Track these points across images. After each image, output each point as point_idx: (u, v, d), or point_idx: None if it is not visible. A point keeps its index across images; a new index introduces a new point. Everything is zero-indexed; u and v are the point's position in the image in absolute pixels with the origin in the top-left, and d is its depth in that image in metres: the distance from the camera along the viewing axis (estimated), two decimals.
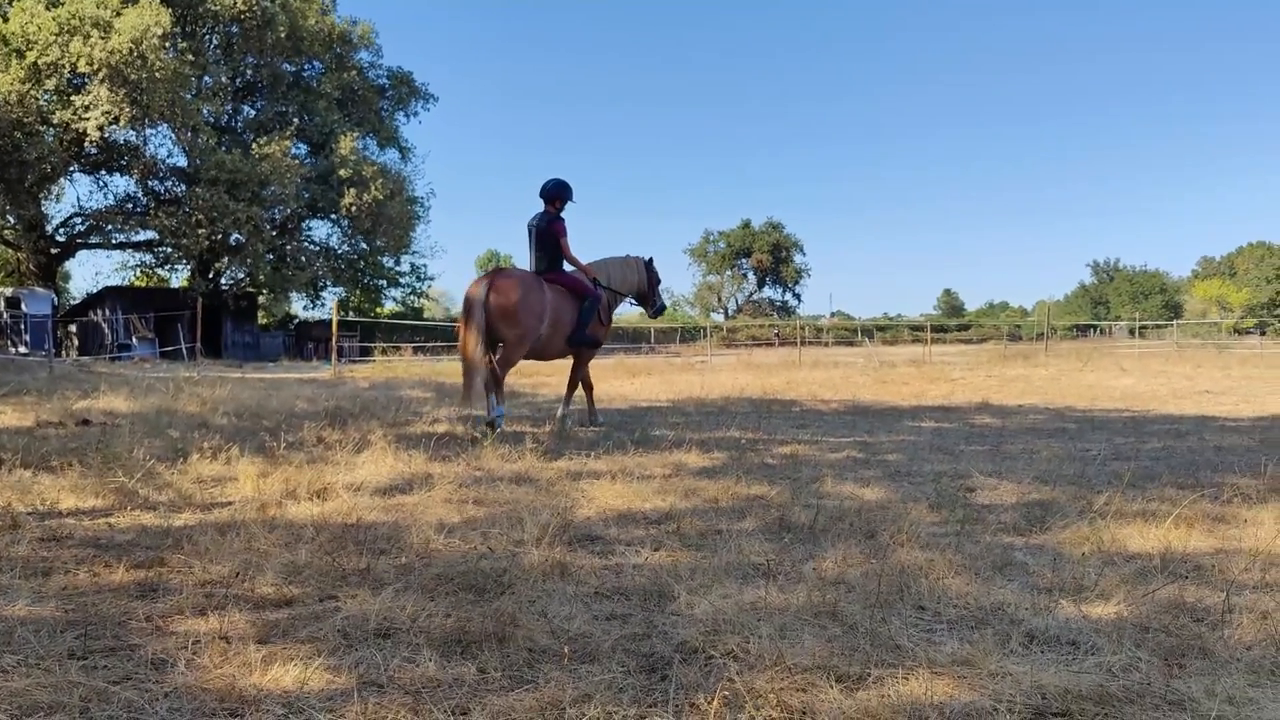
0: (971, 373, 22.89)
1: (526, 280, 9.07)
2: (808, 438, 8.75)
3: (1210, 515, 4.82)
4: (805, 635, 2.90)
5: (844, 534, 4.41)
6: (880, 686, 2.52)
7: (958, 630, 3.04)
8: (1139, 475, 6.22)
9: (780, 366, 26.89)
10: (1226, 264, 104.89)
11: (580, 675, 2.66)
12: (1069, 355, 31.41)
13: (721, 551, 4.08)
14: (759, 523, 4.73)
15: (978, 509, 5.12)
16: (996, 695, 2.43)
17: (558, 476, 6.12)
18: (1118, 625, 3.03)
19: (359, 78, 43.81)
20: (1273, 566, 3.84)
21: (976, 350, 42.51)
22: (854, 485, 5.84)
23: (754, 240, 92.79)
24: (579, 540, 4.38)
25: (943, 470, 6.52)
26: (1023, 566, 3.85)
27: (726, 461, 6.92)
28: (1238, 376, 20.28)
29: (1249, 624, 3.05)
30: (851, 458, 7.29)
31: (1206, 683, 2.51)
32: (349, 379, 19.82)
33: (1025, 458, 7.28)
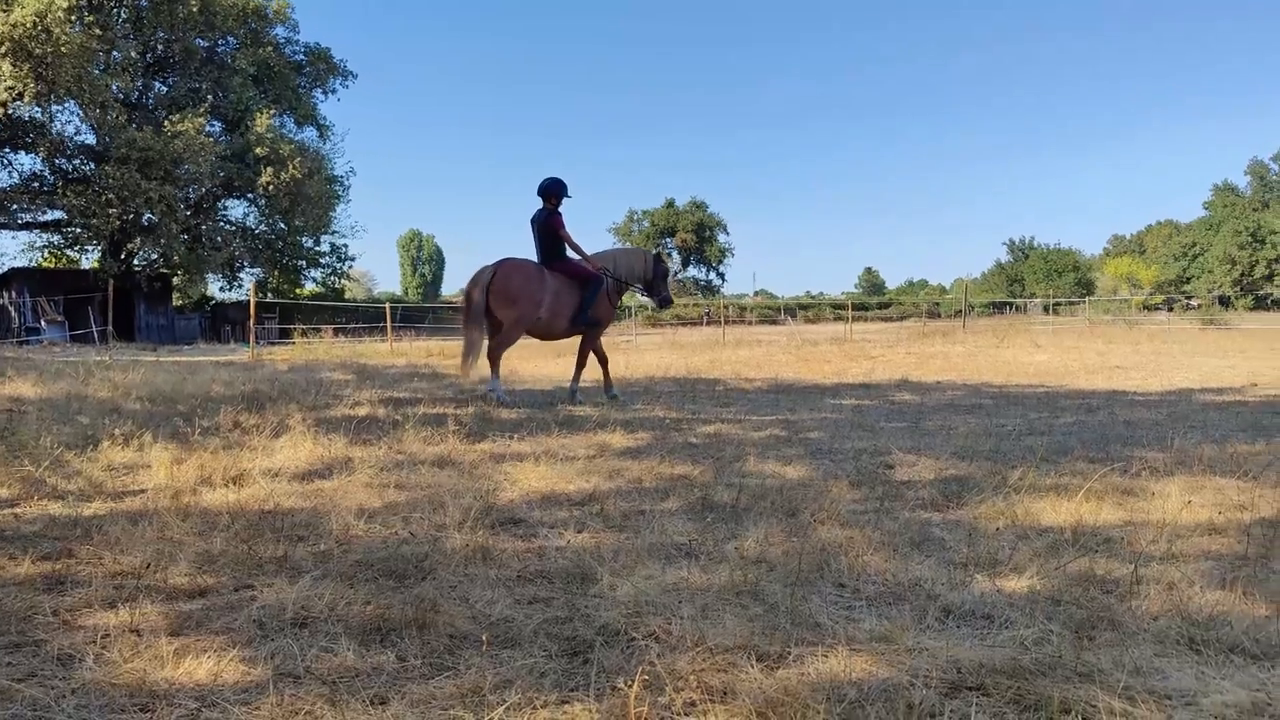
0: (892, 350, 23.24)
1: (527, 269, 9.86)
2: (731, 416, 8.80)
3: (1120, 488, 4.95)
4: (727, 615, 2.91)
5: (766, 513, 4.44)
6: (800, 665, 2.54)
7: (876, 607, 3.08)
8: (1052, 450, 6.37)
9: (704, 345, 27.02)
10: (1136, 242, 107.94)
11: (502, 661, 2.64)
12: (986, 332, 32.08)
13: (645, 532, 4.08)
14: (682, 503, 4.74)
15: (897, 485, 5.19)
16: (913, 671, 2.47)
17: (481, 459, 6.07)
18: (1030, 598, 3.10)
19: (275, 54, 42.78)
20: (1179, 538, 3.96)
21: (897, 328, 43.17)
22: (776, 464, 5.89)
23: (678, 219, 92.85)
24: (502, 523, 4.35)
25: (863, 447, 6.61)
26: (940, 542, 3.92)
27: (651, 441, 6.92)
28: (1147, 352, 20.91)
29: (1156, 595, 3.14)
30: (774, 436, 7.34)
31: (1115, 654, 2.57)
32: (267, 362, 19.44)
33: (943, 434, 7.40)
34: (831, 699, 2.28)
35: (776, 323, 62.31)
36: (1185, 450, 6.16)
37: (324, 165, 42.32)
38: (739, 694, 2.30)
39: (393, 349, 24.01)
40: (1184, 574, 3.38)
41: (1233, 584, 3.24)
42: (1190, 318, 47.03)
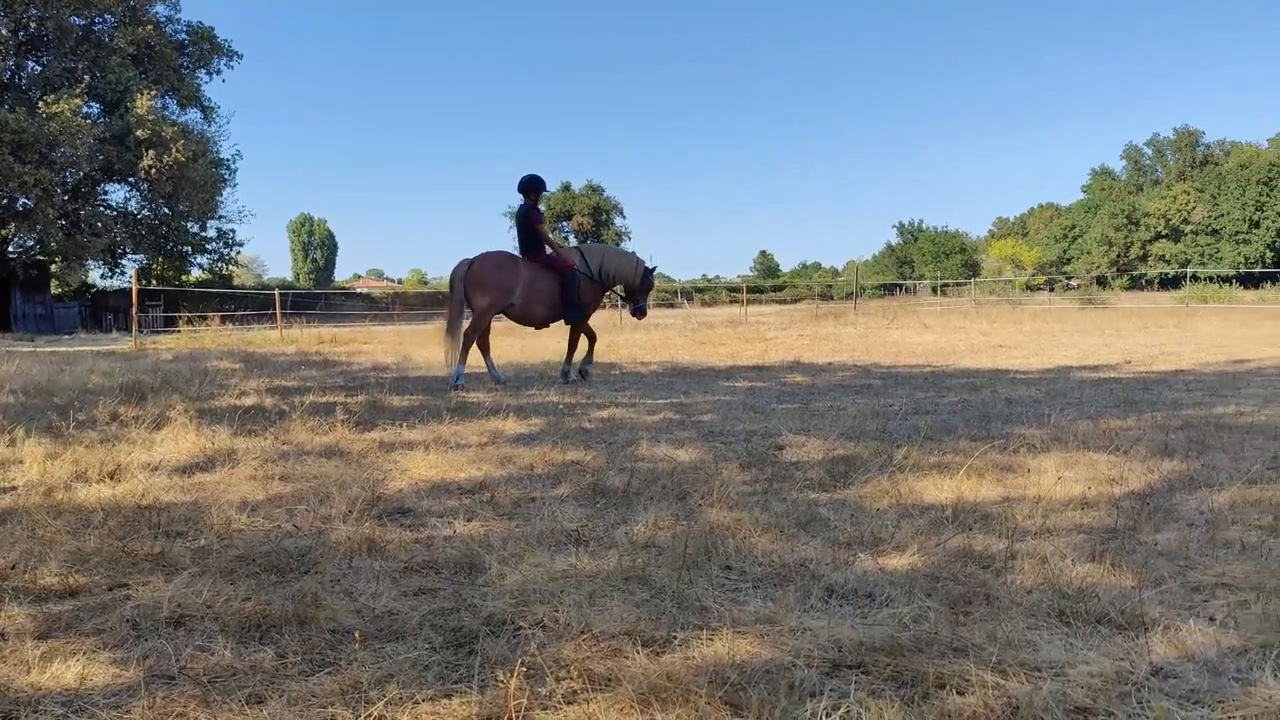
0: (785, 332, 23.58)
1: (499, 258, 10.59)
2: (625, 400, 8.81)
3: (999, 465, 5.10)
4: (614, 601, 2.91)
5: (657, 497, 4.46)
6: (686, 649, 2.56)
7: (762, 588, 3.11)
8: (936, 428, 6.53)
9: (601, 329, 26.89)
10: (1019, 224, 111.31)
11: (385, 655, 2.60)
12: (876, 313, 32.79)
13: (535, 520, 4.05)
14: (574, 489, 4.73)
15: (786, 467, 5.26)
16: (796, 651, 2.50)
17: (369, 448, 5.96)
18: (911, 576, 3.17)
19: (155, 33, 41.25)
20: (1053, 512, 4.09)
21: (791, 310, 43.81)
22: (669, 447, 5.92)
23: (574, 203, 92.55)
24: (389, 514, 4.28)
25: (754, 429, 6.68)
26: (826, 522, 3.98)
27: (544, 427, 6.89)
28: (1029, 331, 21.61)
29: (1030, 569, 3.24)
30: (668, 419, 7.38)
31: (989, 628, 2.64)
32: (151, 351, 18.81)
33: (832, 415, 7.53)
34: (715, 682, 2.30)
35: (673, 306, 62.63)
36: (1061, 426, 6.37)
37: (209, 148, 41.11)
38: (623, 681, 2.30)
39: (283, 336, 23.46)
40: (1056, 548, 3.50)
41: (1102, 556, 3.35)
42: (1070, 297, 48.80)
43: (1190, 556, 3.39)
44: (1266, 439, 5.86)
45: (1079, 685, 2.29)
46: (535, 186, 10.84)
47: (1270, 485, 4.48)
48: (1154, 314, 31.33)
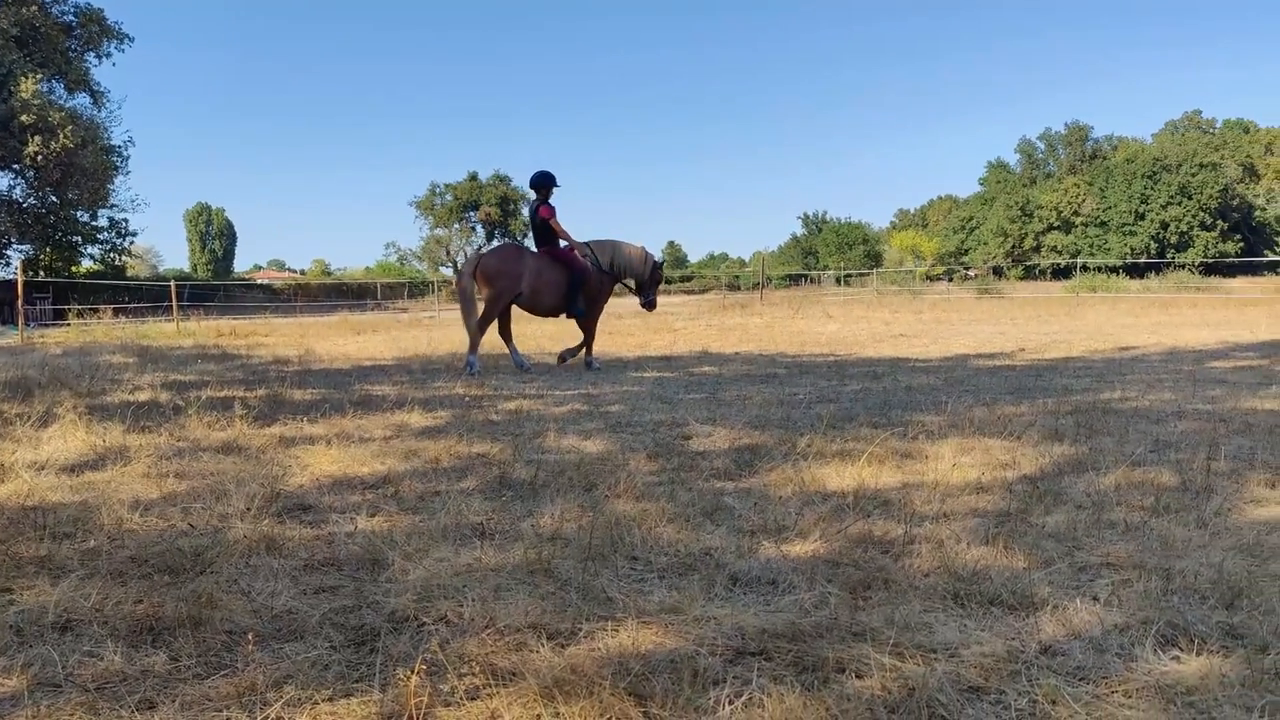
0: (693, 322, 23.72)
1: (506, 252, 11.26)
2: (534, 392, 8.78)
3: (899, 452, 5.21)
4: (519, 594, 2.90)
5: (563, 488, 4.45)
6: (590, 641, 2.56)
7: (668, 578, 3.13)
8: (839, 416, 6.64)
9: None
10: (919, 216, 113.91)
11: (283, 655, 2.55)
12: (782, 304, 33.20)
13: (440, 514, 4.01)
14: (480, 482, 4.69)
15: (692, 456, 5.30)
16: (700, 640, 2.52)
17: (269, 443, 5.83)
18: (813, 562, 3.22)
19: (40, 14, 39.58)
20: (949, 497, 4.20)
21: (698, 300, 44.09)
22: (576, 438, 5.91)
23: (481, 193, 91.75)
24: (289, 511, 4.19)
25: (662, 420, 6.71)
26: (731, 511, 4.02)
27: (450, 420, 6.83)
28: (928, 320, 22.11)
29: (927, 553, 3.32)
30: (576, 411, 7.37)
31: (887, 612, 2.70)
32: (39, 346, 18.11)
33: (739, 404, 7.61)
34: (619, 673, 2.30)
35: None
36: (958, 413, 6.54)
37: (99, 134, 39.67)
38: (526, 675, 2.29)
39: (180, 329, 22.78)
40: (952, 532, 3.59)
41: (995, 539, 3.45)
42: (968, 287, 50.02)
43: (1078, 537, 3.51)
44: (1149, 423, 6.09)
45: (972, 665, 2.36)
46: (546, 182, 11.24)
47: (1152, 467, 4.66)
48: (1046, 303, 32.32)
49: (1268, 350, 12.42)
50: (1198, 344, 13.76)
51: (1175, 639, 2.51)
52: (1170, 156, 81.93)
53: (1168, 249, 74.67)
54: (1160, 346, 13.33)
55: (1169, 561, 3.16)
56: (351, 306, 42.33)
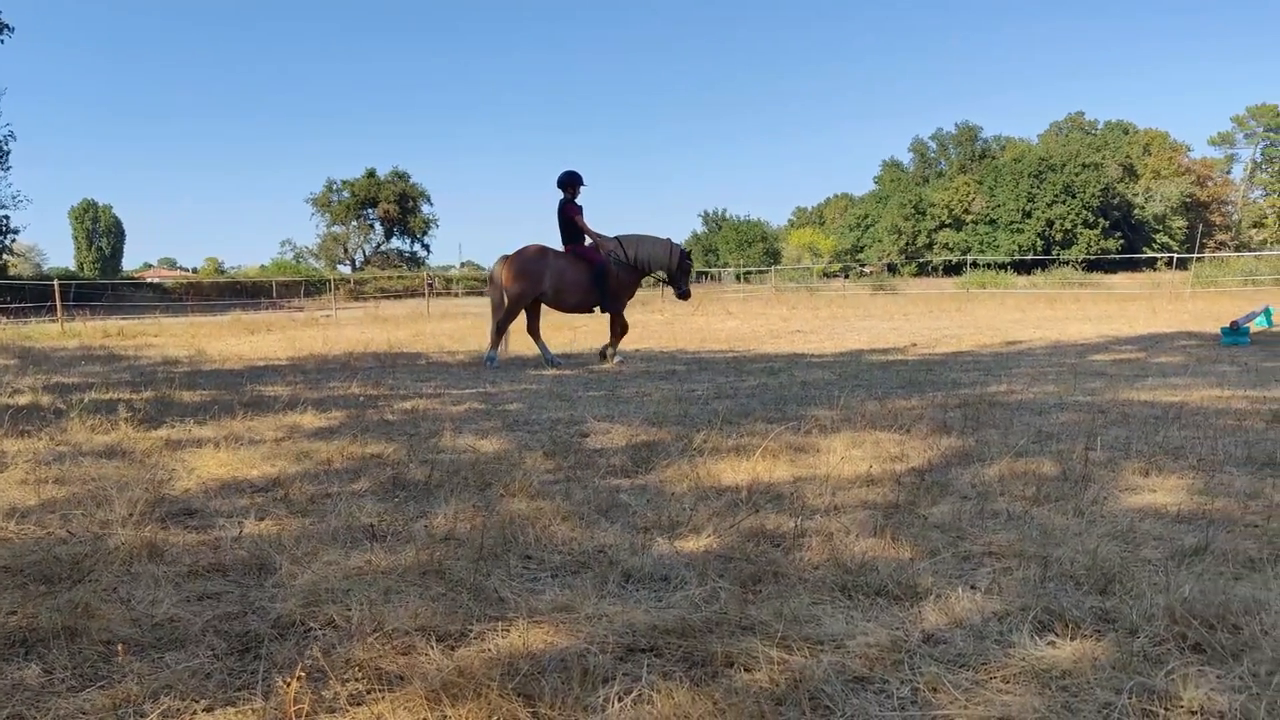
0: (594, 320, 23.69)
1: (530, 251, 11.51)
2: (431, 391, 8.68)
3: (793, 446, 5.28)
4: (409, 597, 2.86)
5: (458, 488, 4.41)
6: (481, 642, 2.54)
7: (560, 577, 3.12)
8: (735, 412, 6.71)
9: (409, 319, 26.53)
10: (817, 214, 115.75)
11: (163, 664, 2.47)
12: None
13: (330, 516, 3.94)
14: (373, 483, 4.62)
15: (589, 454, 5.30)
16: (591, 638, 2.52)
17: (155, 447, 5.65)
18: (705, 558, 3.25)
19: None
20: (840, 490, 4.28)
21: None
22: (473, 437, 5.86)
23: (380, 190, 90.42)
24: (174, 516, 4.07)
25: (559, 417, 6.70)
26: (626, 507, 4.03)
27: (344, 420, 6.71)
28: (825, 317, 22.51)
29: (817, 545, 3.37)
30: (473, 409, 7.31)
31: (776, 605, 2.74)
32: None
33: (637, 401, 7.63)
34: (508, 674, 2.29)
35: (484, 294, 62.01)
36: (851, 407, 6.67)
37: None
38: (414, 679, 2.26)
39: (64, 330, 21.91)
40: (842, 524, 3.66)
41: (883, 531, 3.53)
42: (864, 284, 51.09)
43: (962, 528, 3.61)
44: (1032, 415, 6.30)
45: (857, 655, 2.40)
46: (572, 181, 11.53)
47: (1034, 458, 4.82)
48: (938, 299, 33.18)
49: (1145, 344, 12.95)
50: (1080, 338, 14.27)
51: (1051, 624, 2.59)
52: (1055, 157, 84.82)
53: (1053, 246, 77.28)
54: (1045, 341, 13.78)
55: (1047, 549, 3.26)
56: (245, 305, 41.27)
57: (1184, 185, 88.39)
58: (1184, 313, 21.08)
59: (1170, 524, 3.63)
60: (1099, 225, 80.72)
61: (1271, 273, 38.90)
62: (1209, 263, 42.45)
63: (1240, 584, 2.87)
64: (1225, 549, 3.23)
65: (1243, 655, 2.35)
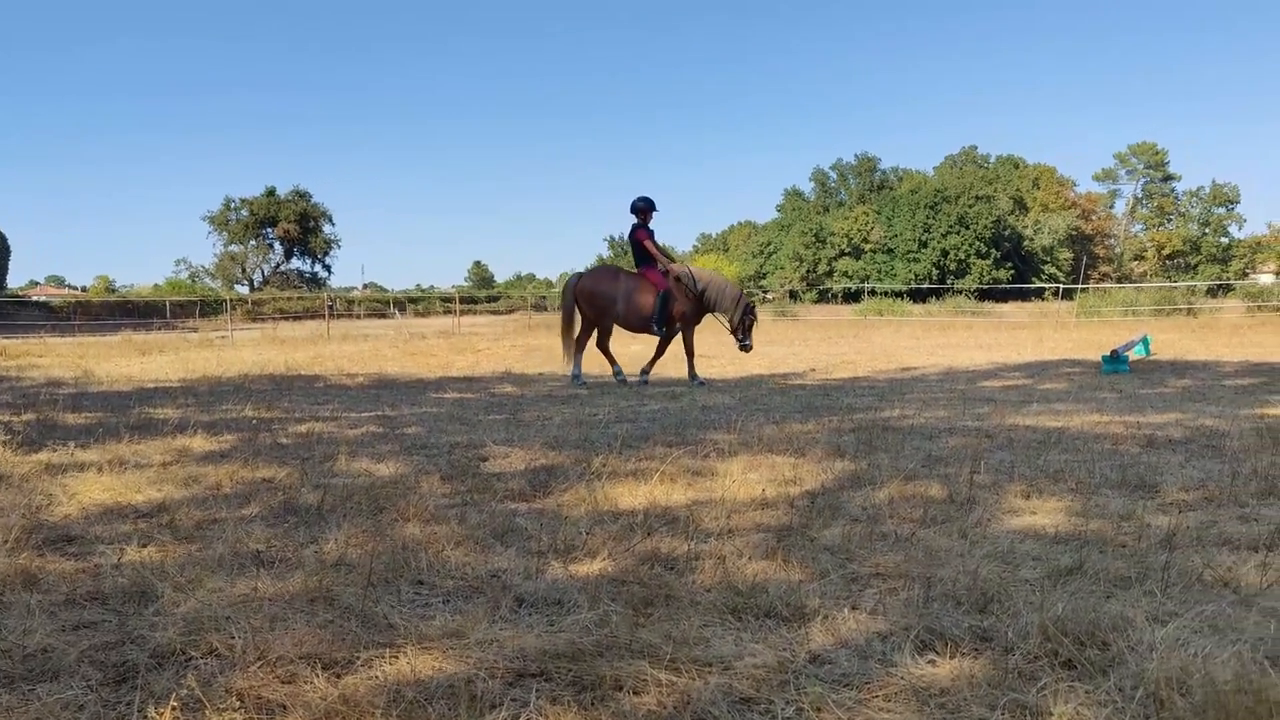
0: (498, 343, 23.64)
1: (601, 273, 12.41)
2: (328, 414, 8.53)
3: (690, 470, 5.33)
4: (296, 624, 2.80)
5: (351, 513, 4.34)
6: (368, 669, 2.51)
7: (453, 602, 3.10)
8: (635, 436, 6.75)
9: (307, 340, 26.05)
10: (721, 240, 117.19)
11: (33, 697, 2.38)
12: None
13: (217, 542, 3.84)
14: (263, 508, 4.52)
15: (487, 478, 5.27)
16: (480, 663, 2.51)
17: (34, 471, 5.45)
18: (598, 581, 3.26)
19: None
20: (735, 513, 4.33)
21: (504, 321, 43.94)
22: (369, 461, 5.78)
23: (280, 209, 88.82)
24: (52, 543, 3.92)
25: (459, 441, 6.65)
26: (522, 532, 4.01)
27: (236, 444, 6.56)
28: (727, 341, 22.60)
29: (709, 568, 3.41)
30: (370, 433, 7.21)
31: (667, 628, 2.76)
32: None
33: (539, 424, 7.62)
34: (393, 701, 2.27)
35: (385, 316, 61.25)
36: (749, 431, 6.76)
37: None
38: (296, 707, 2.22)
39: None
40: (736, 547, 3.70)
41: (775, 553, 3.58)
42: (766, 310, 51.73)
43: (851, 550, 3.68)
44: (923, 439, 6.46)
45: (745, 677, 2.44)
46: (645, 207, 12.05)
47: (923, 481, 4.95)
48: (837, 325, 33.87)
49: (1032, 370, 13.40)
50: (971, 365, 14.70)
51: (932, 643, 2.67)
52: (950, 189, 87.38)
53: (948, 275, 79.48)
54: (938, 367, 14.17)
55: (931, 570, 3.35)
56: (137, 325, 40.04)
57: (1070, 219, 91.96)
58: (1069, 341, 21.88)
59: (1048, 545, 3.76)
60: (991, 256, 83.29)
61: (1150, 304, 40.63)
62: (1093, 293, 44.08)
63: (1110, 602, 2.99)
64: (1098, 568, 3.36)
65: (1110, 671, 2.45)
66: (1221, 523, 4.05)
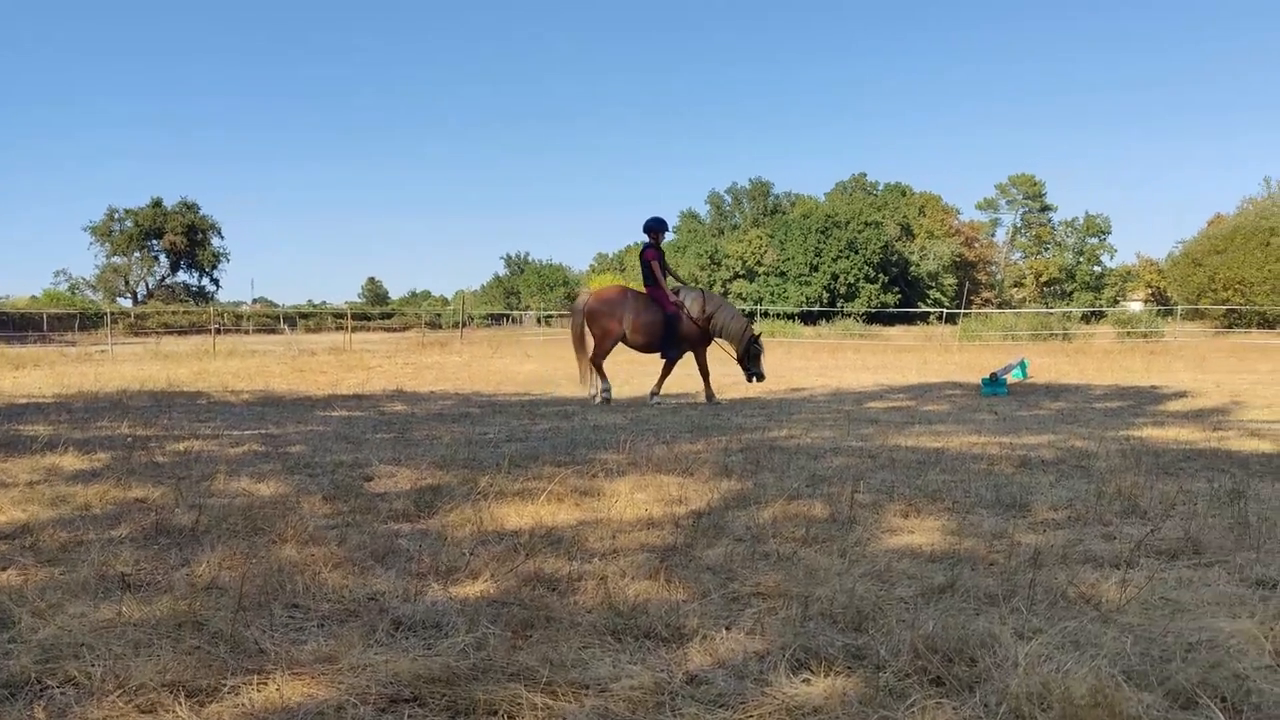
0: (390, 360, 23.30)
1: (609, 293, 12.38)
2: (208, 432, 8.29)
3: (578, 489, 5.32)
4: (161, 650, 2.71)
5: (226, 534, 4.22)
6: (235, 696, 2.43)
7: (327, 625, 3.03)
8: (525, 455, 6.71)
9: (192, 356, 25.29)
10: (618, 260, 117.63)
11: None
12: (483, 343, 33.26)
13: (82, 565, 3.69)
14: (133, 528, 4.36)
15: (372, 498, 5.18)
16: (352, 689, 2.46)
17: None
18: (479, 603, 3.23)
19: None
20: (621, 533, 4.34)
21: (398, 338, 43.35)
22: (249, 481, 5.63)
23: (166, 220, 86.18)
24: None
25: (344, 460, 6.52)
26: (404, 553, 3.95)
27: (109, 462, 6.32)
28: (622, 361, 22.66)
29: (592, 589, 3.40)
30: (252, 451, 7.03)
31: (545, 650, 2.75)
32: None
33: (427, 443, 7.52)
34: None
35: (275, 332, 59.83)
36: (639, 451, 6.78)
37: None
38: None
39: None
40: (619, 567, 3.71)
41: (658, 573, 3.60)
42: None
43: (733, 569, 3.72)
44: (809, 459, 6.57)
45: (621, 699, 2.44)
46: (656, 228, 12.31)
47: (806, 500, 5.03)
48: None
49: (915, 392, 13.76)
50: (858, 386, 15.04)
51: (807, 662, 2.71)
52: (840, 214, 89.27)
53: (838, 298, 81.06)
54: (827, 388, 14.45)
55: (810, 589, 3.41)
56: (10, 338, 38.26)
57: (954, 245, 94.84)
58: (951, 364, 22.56)
59: (924, 563, 3.86)
60: (879, 280, 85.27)
61: (1029, 328, 42.11)
62: (975, 318, 45.54)
63: (979, 619, 3.07)
64: (969, 586, 3.46)
65: (976, 687, 2.52)
66: (1086, 541, 4.22)
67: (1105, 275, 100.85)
